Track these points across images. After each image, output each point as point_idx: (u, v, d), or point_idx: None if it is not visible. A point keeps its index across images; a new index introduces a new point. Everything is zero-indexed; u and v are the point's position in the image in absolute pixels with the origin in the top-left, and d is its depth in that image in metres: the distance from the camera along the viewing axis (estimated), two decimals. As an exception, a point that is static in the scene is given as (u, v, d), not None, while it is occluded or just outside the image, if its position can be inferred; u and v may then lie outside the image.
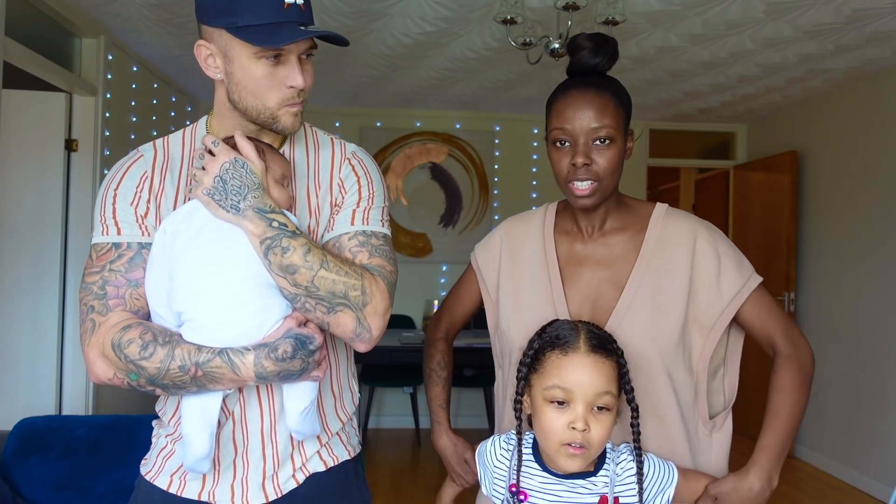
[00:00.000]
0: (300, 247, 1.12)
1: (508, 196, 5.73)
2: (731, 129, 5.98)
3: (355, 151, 1.33)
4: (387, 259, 1.24)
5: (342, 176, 1.28)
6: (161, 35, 3.79)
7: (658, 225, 1.36)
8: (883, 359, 4.20)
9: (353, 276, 1.15)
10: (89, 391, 3.58)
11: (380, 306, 1.17)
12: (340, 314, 1.14)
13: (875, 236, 4.31)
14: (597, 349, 1.16)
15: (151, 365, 1.10)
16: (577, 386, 1.13)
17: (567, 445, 1.14)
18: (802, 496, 4.24)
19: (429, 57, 4.13)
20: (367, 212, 1.26)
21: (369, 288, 1.15)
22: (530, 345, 1.24)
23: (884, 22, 3.40)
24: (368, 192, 1.28)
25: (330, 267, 1.13)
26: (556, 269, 1.38)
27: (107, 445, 2.27)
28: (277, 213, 1.14)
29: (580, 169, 1.27)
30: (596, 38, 1.33)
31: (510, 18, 2.91)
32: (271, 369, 1.10)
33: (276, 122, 1.20)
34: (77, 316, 3.49)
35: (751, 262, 1.39)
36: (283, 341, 1.11)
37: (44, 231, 3.49)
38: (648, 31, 3.61)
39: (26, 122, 3.43)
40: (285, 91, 1.18)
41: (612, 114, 1.27)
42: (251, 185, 1.14)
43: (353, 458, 1.34)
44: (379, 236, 1.25)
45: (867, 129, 4.41)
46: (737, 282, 1.32)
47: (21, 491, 2.19)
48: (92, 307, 1.16)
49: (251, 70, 1.16)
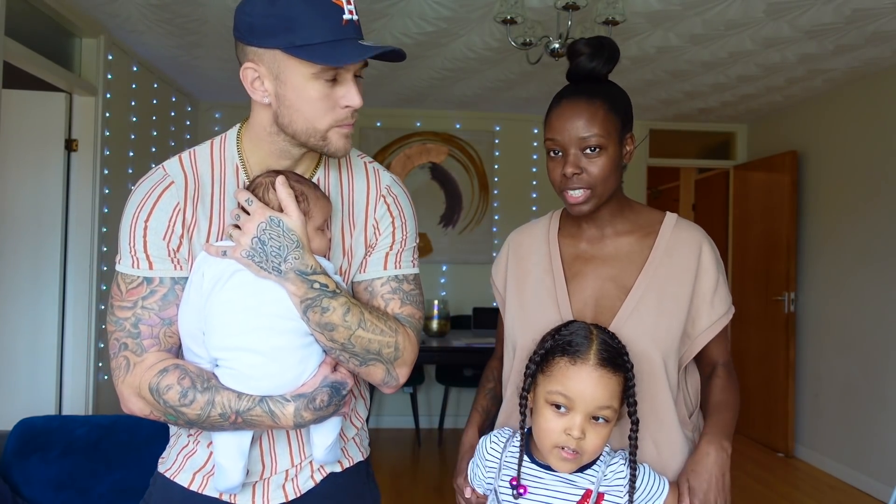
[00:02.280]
0: (340, 307, 1.12)
1: (508, 196, 5.73)
2: (731, 129, 5.98)
3: (390, 186, 1.29)
4: (416, 305, 1.27)
5: (377, 217, 1.27)
6: (161, 35, 3.79)
7: (669, 231, 1.38)
8: (883, 359, 4.20)
9: (387, 333, 1.17)
10: (89, 391, 3.58)
11: (409, 358, 1.21)
12: (372, 367, 1.17)
13: (875, 236, 4.31)
14: (605, 364, 1.17)
15: (191, 412, 1.10)
16: (580, 397, 1.16)
17: (560, 448, 1.17)
18: (802, 496, 4.24)
19: (429, 57, 4.13)
20: (400, 255, 1.27)
21: (402, 344, 1.19)
22: (542, 343, 1.25)
23: (884, 22, 3.40)
24: (402, 233, 1.28)
25: (367, 326, 1.15)
26: (559, 270, 1.40)
27: (107, 445, 2.27)
28: (319, 274, 1.12)
29: (571, 178, 1.30)
30: (593, 43, 1.34)
31: (510, 18, 2.91)
32: (309, 418, 1.13)
33: (328, 144, 1.16)
34: (76, 316, 3.53)
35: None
36: (320, 391, 1.13)
37: (44, 231, 3.49)
38: (648, 31, 3.61)
39: (26, 122, 3.43)
40: (339, 112, 1.14)
41: (601, 122, 1.29)
42: (290, 246, 1.11)
43: (364, 460, 1.37)
44: (410, 279, 1.28)
45: (867, 129, 4.41)
46: (725, 303, 1.38)
47: (21, 491, 2.19)
48: (125, 345, 1.14)
49: (306, 91, 1.11)
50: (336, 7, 1.09)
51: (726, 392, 1.38)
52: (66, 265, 3.55)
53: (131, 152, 4.06)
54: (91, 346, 3.60)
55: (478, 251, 5.67)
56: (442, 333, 4.78)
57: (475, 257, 5.65)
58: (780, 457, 5.04)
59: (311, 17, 1.07)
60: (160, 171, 1.19)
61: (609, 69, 1.35)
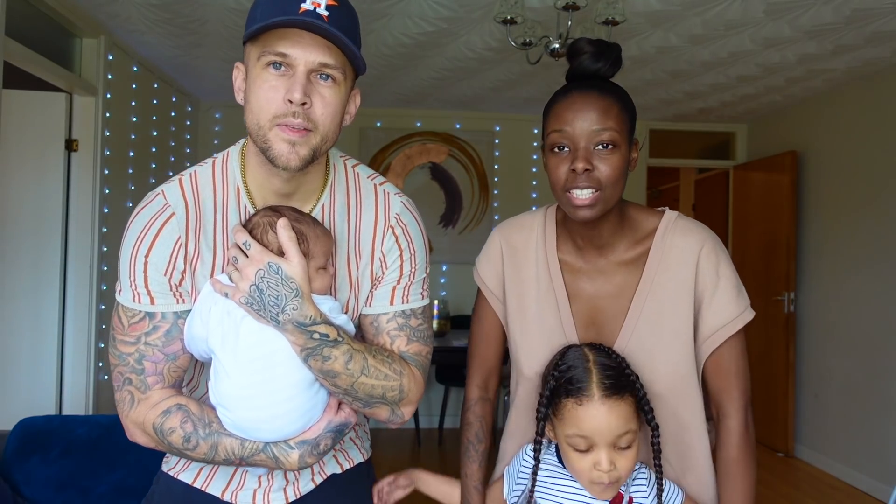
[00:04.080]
0: (341, 355, 1.09)
1: (508, 196, 5.73)
2: (731, 129, 5.98)
3: (400, 214, 1.22)
4: (424, 341, 1.23)
5: (384, 249, 1.21)
6: (161, 35, 3.79)
7: (662, 238, 1.26)
8: (883, 359, 4.20)
9: (391, 378, 1.15)
10: (89, 391, 3.58)
11: (414, 397, 1.19)
12: (376, 409, 1.16)
13: (875, 236, 4.31)
14: (610, 392, 1.15)
15: (195, 455, 1.12)
16: (596, 433, 1.14)
17: (597, 483, 1.16)
18: (802, 496, 4.24)
19: (429, 57, 4.13)
20: (408, 288, 1.22)
21: (407, 385, 1.17)
22: (545, 382, 1.22)
23: (884, 22, 3.40)
24: (411, 266, 1.22)
25: (370, 373, 1.12)
26: (563, 295, 1.29)
27: (107, 445, 2.26)
28: (319, 324, 1.08)
29: (581, 175, 1.15)
30: (597, 43, 1.23)
31: (510, 18, 2.91)
32: (313, 462, 1.14)
33: (270, 147, 1.06)
34: (77, 316, 3.53)
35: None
36: (324, 436, 1.13)
37: (44, 231, 3.49)
38: (648, 31, 3.61)
39: (26, 122, 3.43)
40: (280, 105, 1.04)
41: (616, 117, 1.17)
42: (289, 295, 1.06)
43: (365, 461, 1.36)
44: (418, 313, 1.23)
45: (867, 129, 4.41)
46: (728, 309, 1.24)
47: (21, 491, 2.19)
48: (129, 380, 1.13)
49: (256, 81, 1.06)
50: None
51: (737, 475, 1.22)
52: (66, 265, 3.55)
53: (131, 152, 4.06)
54: (91, 346, 3.60)
55: (478, 251, 5.56)
56: (442, 333, 4.78)
57: (475, 257, 5.62)
58: (781, 457, 5.04)
59: (270, 5, 1.05)
60: (160, 200, 1.14)
61: (614, 72, 1.23)
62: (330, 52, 1.06)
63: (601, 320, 1.28)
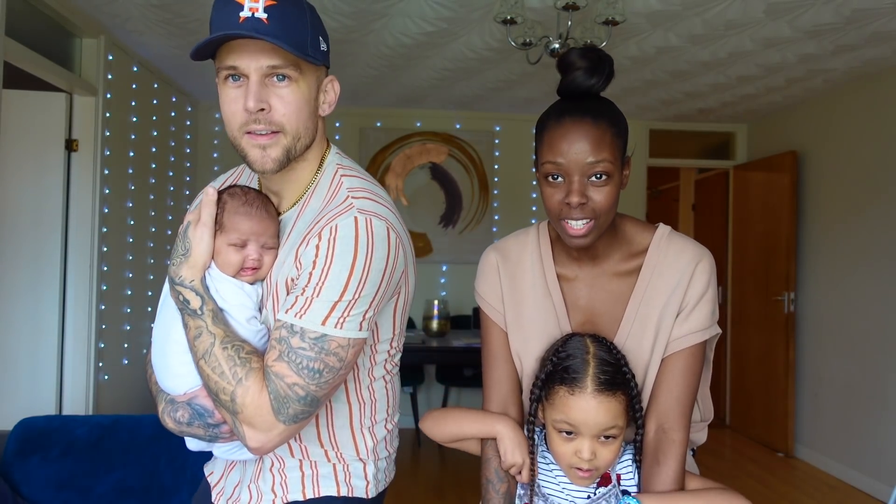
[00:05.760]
0: (194, 328, 1.08)
1: (508, 196, 5.73)
2: (731, 129, 5.98)
3: (339, 226, 1.07)
4: (297, 368, 1.04)
5: (301, 251, 1.10)
6: (161, 35, 3.79)
7: (658, 250, 1.28)
8: (882, 359, 4.20)
9: (226, 378, 1.05)
10: (89, 391, 3.58)
11: (254, 419, 1.04)
12: (221, 410, 1.08)
13: (875, 236, 4.31)
14: (604, 388, 1.16)
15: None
16: (583, 424, 1.17)
17: (575, 468, 1.19)
18: (802, 496, 4.24)
19: (429, 57, 4.13)
20: (309, 303, 1.06)
21: (241, 398, 1.04)
22: (542, 365, 1.24)
23: (884, 22, 3.40)
24: (319, 279, 1.06)
25: (209, 360, 1.06)
26: (560, 301, 1.31)
27: (107, 445, 2.26)
28: (186, 288, 1.10)
29: (575, 209, 1.17)
30: (590, 57, 1.20)
31: (510, 18, 2.91)
32: (171, 426, 1.14)
33: (245, 155, 1.12)
34: (77, 316, 3.53)
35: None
36: (182, 406, 1.13)
37: (44, 231, 3.49)
38: (648, 31, 3.61)
39: (26, 122, 3.43)
40: (242, 115, 1.09)
41: (609, 146, 1.16)
42: (178, 251, 1.13)
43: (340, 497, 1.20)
44: (308, 336, 1.05)
45: (867, 129, 4.41)
46: (701, 321, 1.25)
47: (21, 491, 2.19)
48: None
49: (221, 95, 1.12)
50: (234, 5, 1.06)
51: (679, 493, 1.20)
52: (66, 265, 3.55)
53: (131, 152, 4.06)
54: (91, 346, 3.60)
55: (478, 251, 5.63)
56: (442, 333, 4.77)
57: (475, 257, 5.59)
58: (780, 457, 5.04)
59: (216, 17, 1.10)
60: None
61: (606, 86, 1.22)
62: (276, 54, 1.08)
63: (597, 328, 1.30)
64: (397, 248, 1.12)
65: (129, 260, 4.06)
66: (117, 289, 3.91)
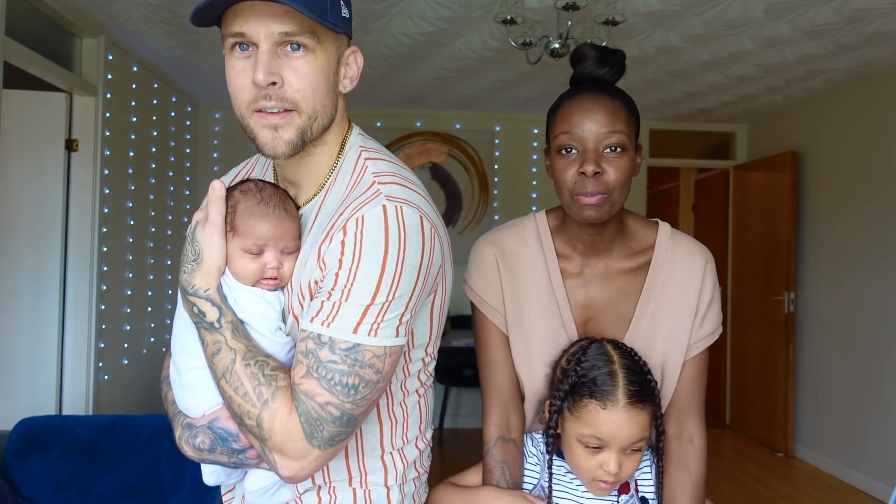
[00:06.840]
0: (212, 344, 0.95)
1: (508, 196, 5.73)
2: (731, 129, 5.98)
3: (367, 217, 0.93)
4: (327, 384, 0.91)
5: (325, 248, 0.96)
6: (161, 35, 3.79)
7: (665, 250, 1.26)
8: (883, 359, 4.20)
9: (250, 400, 0.92)
10: (89, 391, 3.58)
11: (283, 446, 0.91)
12: (246, 434, 0.95)
13: (875, 236, 4.31)
14: (636, 400, 1.14)
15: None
16: (614, 437, 1.14)
17: (599, 481, 1.16)
18: (802, 496, 4.24)
19: (429, 57, 4.13)
20: (337, 309, 0.92)
21: (268, 423, 0.91)
22: (565, 375, 1.19)
23: (884, 22, 3.40)
24: (347, 280, 0.92)
25: (230, 380, 0.93)
26: (564, 299, 1.27)
27: (107, 445, 2.26)
28: (200, 298, 0.96)
29: (590, 179, 1.13)
30: (601, 49, 1.22)
31: (510, 18, 2.91)
32: (190, 454, 1.00)
33: (254, 137, 0.97)
34: (77, 316, 3.53)
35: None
36: (202, 430, 0.99)
37: (44, 231, 3.49)
38: (648, 31, 3.61)
39: (26, 122, 3.43)
40: (251, 90, 0.94)
41: (624, 120, 1.15)
42: (188, 257, 0.98)
43: None
44: (338, 347, 0.91)
45: (867, 129, 4.41)
46: (713, 322, 1.27)
47: (21, 491, 2.19)
48: None
49: (227, 68, 0.97)
50: None
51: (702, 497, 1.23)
52: (66, 265, 3.55)
53: (131, 152, 4.06)
54: (91, 346, 3.59)
55: (478, 251, 5.66)
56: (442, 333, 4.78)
57: (475, 257, 5.64)
58: (780, 456, 5.04)
59: None
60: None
61: (617, 78, 1.23)
62: (290, 18, 0.92)
63: (603, 325, 1.27)
64: (433, 238, 0.97)
65: (129, 260, 4.06)
66: (117, 289, 3.91)
